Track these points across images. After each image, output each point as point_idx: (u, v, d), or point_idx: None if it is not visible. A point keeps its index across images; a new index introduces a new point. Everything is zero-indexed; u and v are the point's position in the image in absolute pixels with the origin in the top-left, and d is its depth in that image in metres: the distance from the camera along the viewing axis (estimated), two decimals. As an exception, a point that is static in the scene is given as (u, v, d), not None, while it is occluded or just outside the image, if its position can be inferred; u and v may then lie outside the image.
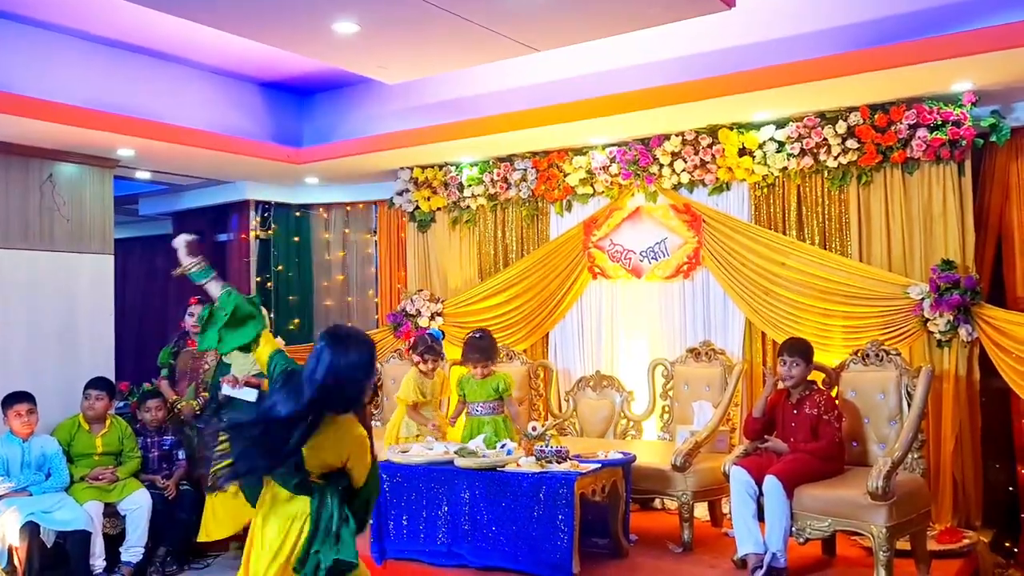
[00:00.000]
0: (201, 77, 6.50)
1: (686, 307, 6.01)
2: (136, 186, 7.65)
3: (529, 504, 4.36)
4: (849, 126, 5.21)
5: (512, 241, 6.73)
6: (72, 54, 5.73)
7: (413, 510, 4.71)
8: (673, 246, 5.99)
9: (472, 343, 5.39)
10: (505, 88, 6.00)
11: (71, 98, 5.50)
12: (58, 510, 5.03)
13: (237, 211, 7.74)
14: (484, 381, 5.28)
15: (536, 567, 4.33)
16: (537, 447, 4.60)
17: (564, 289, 6.42)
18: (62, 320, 6.04)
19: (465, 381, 5.37)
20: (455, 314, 6.83)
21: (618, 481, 4.67)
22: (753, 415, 4.69)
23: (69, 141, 5.79)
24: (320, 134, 7.00)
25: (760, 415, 4.65)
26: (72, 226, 6.15)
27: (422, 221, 7.12)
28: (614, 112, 5.36)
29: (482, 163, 6.72)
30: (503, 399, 5.29)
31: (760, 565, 4.21)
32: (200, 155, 6.34)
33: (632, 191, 6.15)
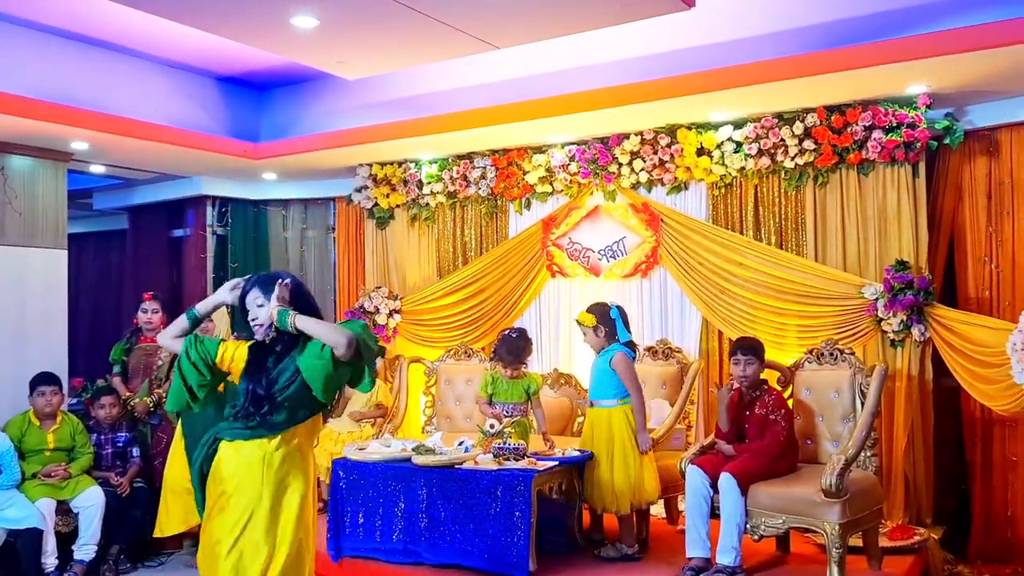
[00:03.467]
0: (158, 70, 6.40)
1: (644, 305, 6.04)
2: (90, 180, 7.50)
3: (486, 502, 4.35)
4: (806, 127, 5.27)
5: (471, 239, 6.72)
6: (25, 44, 5.60)
7: (370, 508, 4.69)
8: (631, 245, 6.02)
9: (507, 341, 5.17)
10: (465, 85, 5.98)
11: (24, 89, 5.37)
12: (9, 507, 4.95)
13: (193, 206, 7.64)
14: (515, 382, 5.09)
15: (493, 565, 4.33)
16: (495, 444, 4.59)
17: (523, 287, 6.43)
18: (13, 316, 5.92)
19: (497, 380, 5.14)
20: (413, 311, 6.81)
21: (574, 479, 4.69)
22: (721, 429, 4.66)
23: (22, 133, 5.66)
24: (278, 129, 6.93)
25: (727, 427, 4.63)
26: (24, 220, 6.01)
27: (381, 218, 7.08)
28: (573, 111, 5.36)
29: (441, 160, 6.69)
30: (530, 400, 5.15)
31: (705, 568, 4.25)
32: (156, 149, 6.24)
33: (591, 190, 6.17)
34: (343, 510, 4.77)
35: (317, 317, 3.18)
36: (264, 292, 3.15)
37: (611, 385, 4.74)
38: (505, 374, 5.13)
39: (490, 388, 5.16)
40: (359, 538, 4.72)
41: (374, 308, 6.81)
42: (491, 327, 6.48)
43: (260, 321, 3.15)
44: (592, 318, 4.80)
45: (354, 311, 6.91)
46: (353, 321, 3.34)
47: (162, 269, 7.82)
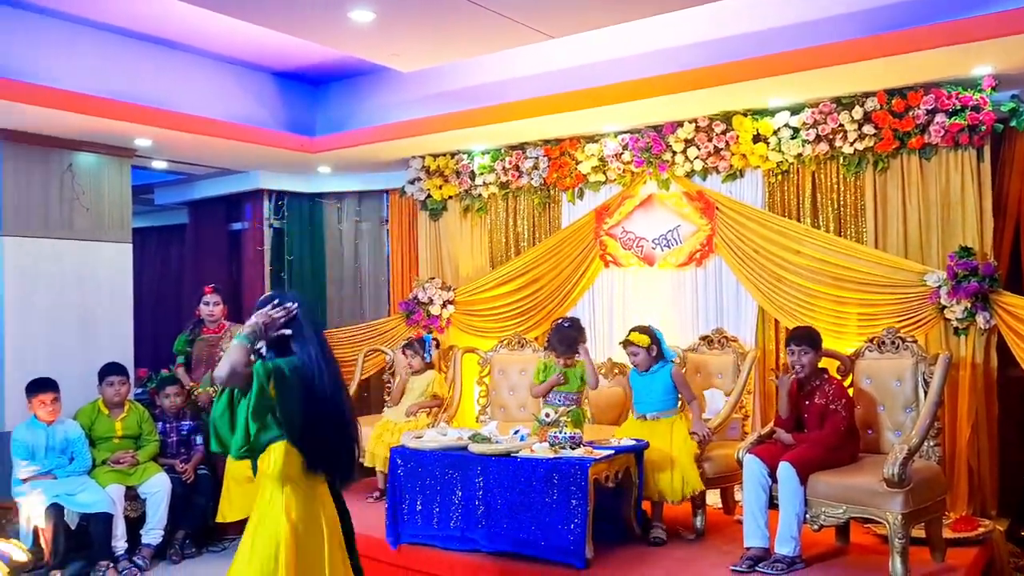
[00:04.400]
0: (217, 67, 6.53)
1: (698, 294, 6.01)
2: (152, 175, 7.70)
3: (543, 490, 4.37)
4: (866, 112, 5.18)
5: (524, 229, 6.74)
6: (91, 44, 5.75)
7: (427, 495, 4.74)
8: (686, 233, 5.98)
9: (560, 331, 5.21)
10: (517, 76, 6.00)
11: (91, 88, 5.53)
12: (81, 492, 5.12)
13: (251, 200, 7.78)
14: (568, 370, 5.14)
15: (549, 553, 4.35)
16: (551, 433, 4.61)
17: (576, 277, 6.43)
18: (82, 308, 6.11)
19: (550, 368, 5.19)
20: (466, 302, 6.86)
21: (631, 467, 4.69)
22: (781, 416, 4.64)
23: (89, 131, 5.83)
24: (333, 123, 7.02)
25: (787, 415, 4.61)
26: (92, 215, 6.20)
27: (434, 209, 7.14)
28: (627, 99, 5.35)
29: (494, 151, 6.72)
30: (582, 391, 5.22)
31: (764, 558, 4.23)
32: (215, 144, 6.37)
33: (644, 178, 6.14)
34: (401, 498, 4.83)
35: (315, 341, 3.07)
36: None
37: (673, 398, 5.00)
38: (558, 363, 5.16)
39: (543, 375, 5.21)
40: (417, 525, 4.77)
41: (427, 299, 6.88)
42: (544, 317, 6.50)
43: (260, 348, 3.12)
44: (647, 338, 5.00)
45: (408, 302, 6.99)
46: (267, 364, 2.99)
47: (221, 262, 7.98)
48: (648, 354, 5.01)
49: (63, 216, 6.05)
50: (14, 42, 5.33)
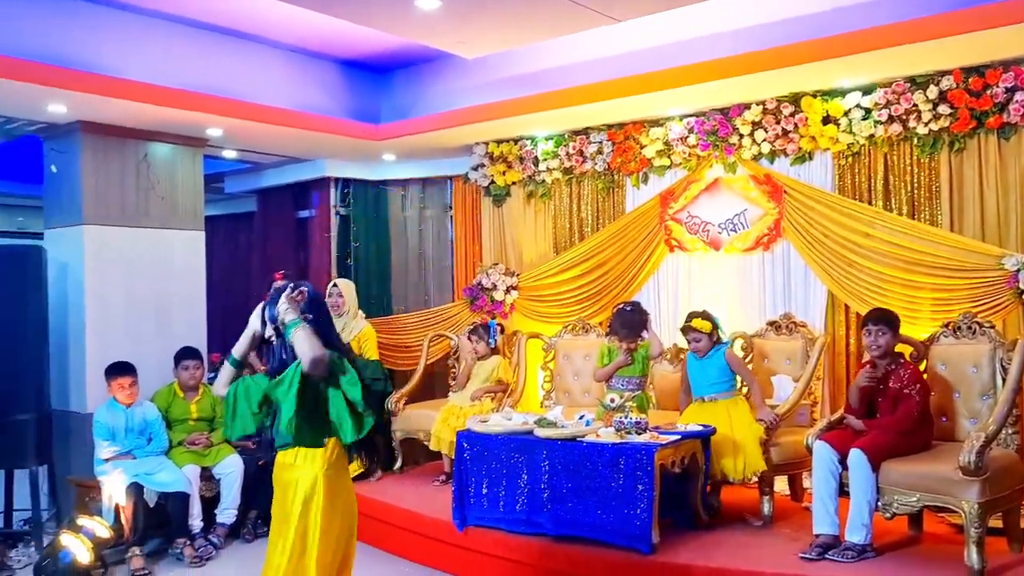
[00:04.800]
0: (284, 57, 6.63)
1: (766, 279, 5.93)
2: (223, 164, 7.88)
3: (608, 475, 4.38)
4: (941, 91, 5.03)
5: (588, 214, 6.72)
6: (165, 37, 5.89)
7: (493, 479, 4.79)
8: (753, 218, 5.90)
9: (622, 315, 5.23)
10: (581, 60, 5.97)
11: (165, 80, 5.67)
12: (159, 472, 5.30)
13: (318, 188, 7.91)
14: (632, 355, 5.19)
15: (615, 537, 4.36)
16: (616, 418, 4.61)
17: (640, 262, 6.40)
18: (157, 294, 6.30)
19: (613, 352, 5.23)
20: (530, 288, 6.88)
21: (697, 453, 4.67)
22: (852, 405, 4.58)
23: (163, 122, 6.00)
24: (398, 110, 7.09)
25: (857, 405, 4.54)
26: (166, 204, 6.39)
27: (497, 195, 7.17)
28: (692, 82, 5.29)
29: (557, 136, 6.71)
30: (646, 375, 5.25)
31: (834, 545, 4.18)
32: (283, 133, 6.49)
33: (710, 162, 6.07)
34: (467, 481, 4.89)
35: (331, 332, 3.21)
36: (272, 308, 3.20)
37: (729, 380, 5.05)
38: (621, 348, 5.16)
39: (606, 360, 5.23)
40: (483, 508, 4.83)
41: (491, 285, 6.92)
42: (609, 302, 6.48)
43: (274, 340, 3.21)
44: (710, 324, 5.06)
45: (471, 288, 7.04)
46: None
47: (288, 249, 8.13)
48: (709, 339, 5.05)
49: (139, 205, 6.24)
50: (93, 36, 5.49)
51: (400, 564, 5.30)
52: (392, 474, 6.28)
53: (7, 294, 5.48)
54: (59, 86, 5.09)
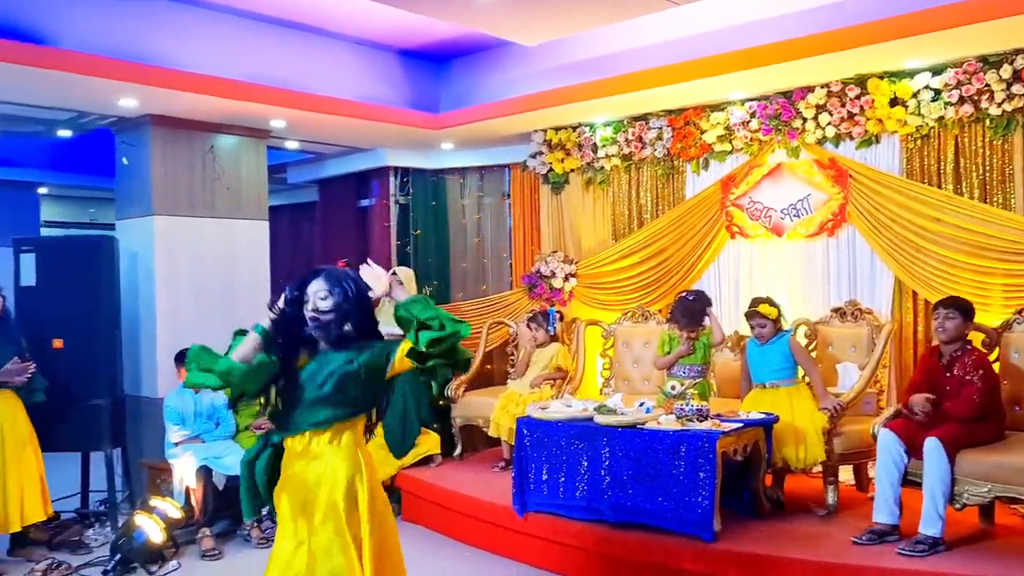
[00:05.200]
0: (344, 48, 6.70)
1: (830, 265, 5.83)
2: (285, 155, 8.02)
3: (669, 462, 4.36)
4: (1015, 70, 4.87)
5: (647, 201, 6.68)
6: (229, 30, 6.00)
7: (553, 465, 4.80)
8: (816, 203, 5.80)
9: (684, 304, 5.22)
10: (641, 45, 5.92)
11: (230, 73, 5.79)
12: (227, 456, 5.43)
13: (378, 177, 8.00)
14: (693, 343, 5.18)
15: (676, 524, 4.35)
16: (677, 405, 4.59)
17: (701, 249, 6.34)
18: (223, 281, 6.45)
19: (674, 340, 5.25)
20: (589, 275, 6.86)
21: (760, 441, 4.62)
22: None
23: (228, 114, 6.13)
24: (456, 99, 7.12)
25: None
26: (231, 194, 6.53)
27: (556, 183, 7.16)
28: (755, 65, 5.21)
29: (616, 123, 6.68)
30: (707, 363, 5.23)
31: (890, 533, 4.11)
32: (344, 123, 6.58)
33: (773, 147, 5.98)
34: (527, 467, 4.92)
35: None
36: (330, 285, 2.96)
37: (792, 367, 4.97)
38: (682, 336, 5.13)
39: (667, 347, 5.20)
40: (543, 494, 4.85)
41: (550, 272, 6.92)
42: (669, 289, 6.44)
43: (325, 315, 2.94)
44: (775, 310, 4.99)
45: (530, 275, 7.05)
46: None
47: (349, 238, 8.24)
48: (774, 326, 4.99)
49: (205, 196, 6.39)
50: (162, 31, 5.63)
51: (460, 548, 5.36)
52: (452, 460, 6.34)
53: (82, 283, 5.66)
54: (131, 81, 5.24)
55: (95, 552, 5.28)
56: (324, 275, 3.00)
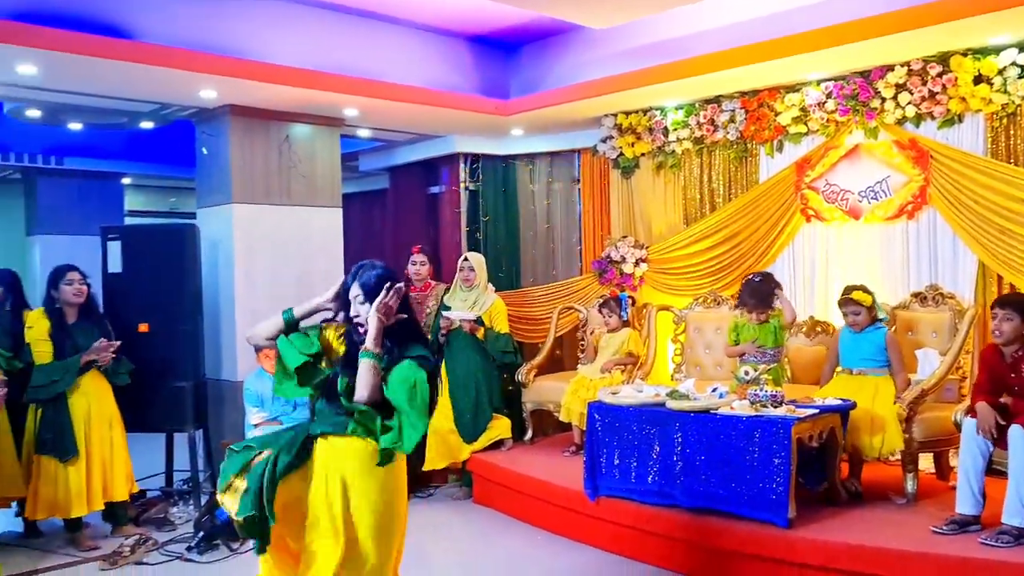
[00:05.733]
0: (415, 35, 6.76)
1: (909, 249, 5.67)
2: (357, 143, 8.14)
3: (743, 448, 4.33)
4: (1108, 44, 4.68)
5: (719, 185, 6.59)
6: (303, 21, 6.09)
7: (625, 450, 4.81)
8: (896, 185, 5.65)
9: (751, 285, 5.21)
10: (713, 27, 5.82)
11: (305, 63, 5.89)
12: (304, 438, 5.55)
13: (447, 164, 8.05)
14: (763, 326, 5.15)
15: (750, 510, 4.32)
16: (751, 391, 4.54)
17: (775, 233, 6.23)
18: (299, 268, 6.58)
19: (742, 327, 5.23)
20: (660, 260, 6.81)
21: (836, 428, 4.55)
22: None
23: (303, 103, 6.25)
24: (526, 85, 7.12)
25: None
26: (307, 182, 6.66)
27: (626, 167, 7.12)
28: (832, 45, 5.08)
29: (688, 106, 6.60)
30: (780, 347, 5.18)
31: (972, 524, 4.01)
32: (415, 111, 6.64)
33: (850, 128, 5.84)
34: (599, 452, 4.94)
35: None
36: (363, 290, 3.00)
37: (884, 360, 4.89)
38: (752, 319, 5.08)
39: (735, 335, 5.16)
40: (615, 479, 4.86)
41: (620, 257, 6.90)
42: (741, 274, 6.33)
43: (361, 320, 3.01)
44: (870, 297, 4.90)
45: (600, 261, 7.04)
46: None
47: (419, 224, 8.32)
48: (868, 313, 4.90)
49: (282, 184, 6.53)
50: (240, 23, 5.75)
51: (531, 532, 5.42)
52: (522, 444, 6.39)
53: (165, 270, 5.86)
54: (212, 72, 5.38)
55: (179, 529, 5.49)
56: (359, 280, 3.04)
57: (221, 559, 4.96)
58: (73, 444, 5.09)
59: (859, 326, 4.90)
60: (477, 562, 4.94)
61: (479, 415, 6.14)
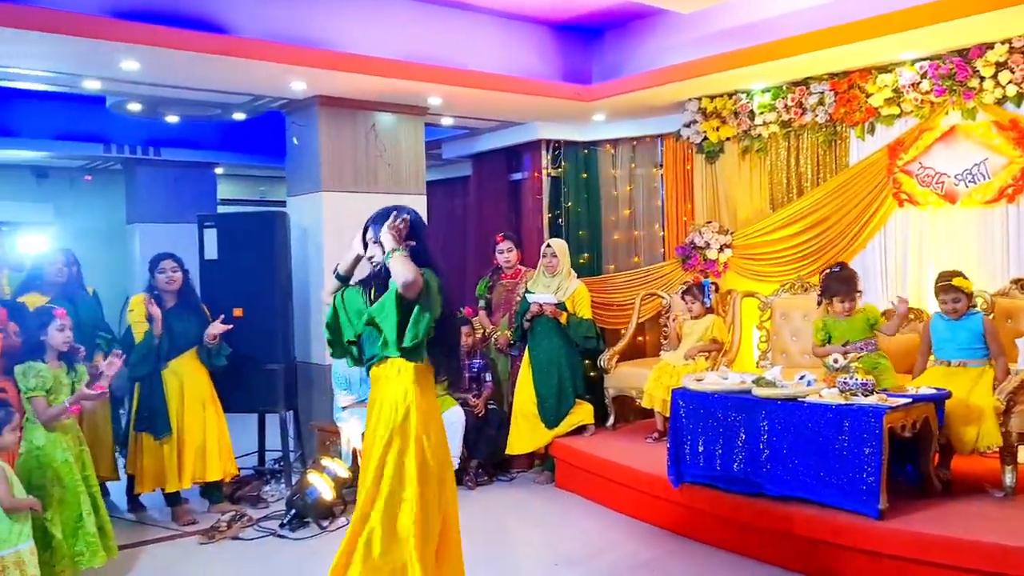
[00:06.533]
0: (497, 23, 6.79)
1: (1010, 233, 5.46)
2: (440, 131, 8.23)
3: (832, 437, 4.25)
4: None
5: (807, 169, 6.45)
6: (388, 11, 6.18)
7: (710, 437, 4.77)
8: (995, 167, 5.44)
9: (835, 277, 5.11)
10: (800, 7, 5.69)
11: (390, 52, 5.99)
12: (391, 420, 5.68)
13: (529, 151, 8.09)
14: (851, 320, 5.04)
15: (839, 500, 4.24)
16: (840, 379, 4.45)
17: (866, 218, 6.08)
18: (384, 255, 6.70)
19: (830, 324, 5.12)
20: (745, 246, 6.71)
21: (930, 417, 4.42)
22: None
23: (389, 92, 6.36)
24: (609, 70, 7.09)
25: None
26: (392, 170, 6.79)
27: (710, 152, 7.03)
28: (928, 23, 4.91)
29: (775, 88, 6.47)
30: (872, 337, 5.06)
31: None
32: (498, 98, 6.68)
33: (946, 109, 5.64)
34: (683, 438, 4.91)
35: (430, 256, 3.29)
36: (376, 228, 3.29)
37: (980, 347, 4.73)
38: (839, 313, 4.96)
39: (823, 334, 5.07)
40: (699, 466, 4.83)
41: (704, 243, 6.82)
42: (830, 260, 6.20)
43: (376, 259, 3.29)
44: (971, 283, 4.77)
45: (684, 247, 6.98)
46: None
47: (502, 211, 8.38)
48: (968, 301, 4.77)
49: (368, 172, 6.67)
50: (326, 15, 5.88)
51: (613, 517, 5.44)
52: (605, 430, 6.40)
53: (258, 257, 6.06)
54: (302, 64, 5.53)
55: (271, 507, 5.68)
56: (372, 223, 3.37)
57: (312, 536, 5.12)
58: (166, 424, 5.29)
59: (958, 313, 4.74)
60: (557, 543, 4.99)
61: (562, 400, 6.17)
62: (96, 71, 5.60)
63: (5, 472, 3.68)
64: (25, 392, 4.09)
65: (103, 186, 10.40)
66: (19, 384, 4.11)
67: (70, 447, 4.19)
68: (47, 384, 4.13)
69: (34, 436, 4.11)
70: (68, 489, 4.11)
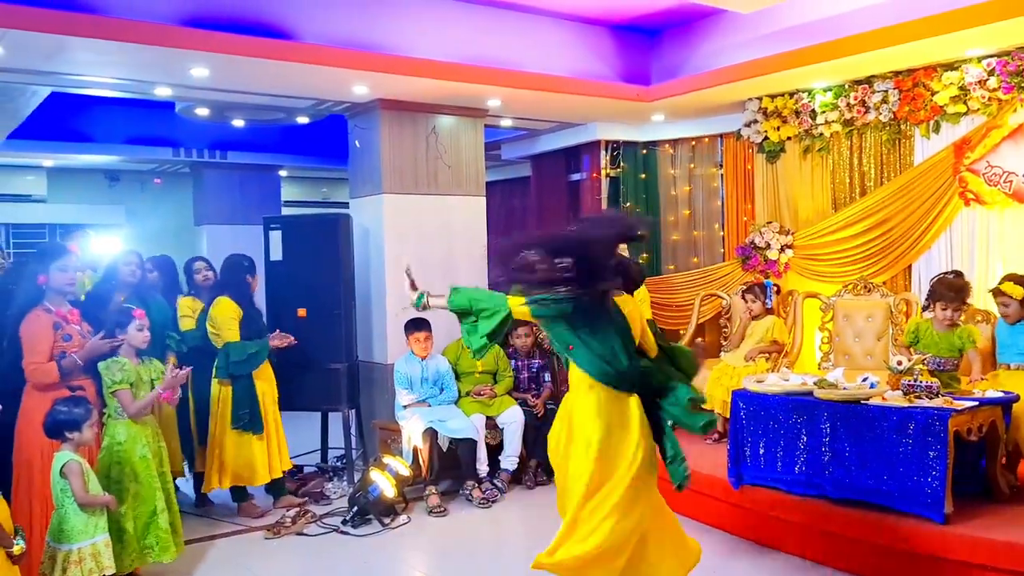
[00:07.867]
0: (557, 25, 6.80)
1: (1083, 234, 5.33)
2: (499, 133, 8.30)
3: (895, 440, 4.20)
4: None
5: (870, 168, 6.36)
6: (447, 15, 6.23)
7: (770, 439, 4.74)
8: (1067, 165, 5.31)
9: (946, 283, 4.97)
10: (862, 5, 5.61)
11: (450, 56, 6.05)
12: (450, 420, 5.77)
13: (588, 151, 8.11)
14: (946, 334, 4.89)
15: (903, 504, 4.18)
16: (905, 381, 4.39)
17: (931, 218, 5.97)
18: (444, 254, 6.80)
19: (923, 328, 5.00)
20: (806, 246, 6.64)
21: (997, 421, 4.33)
22: None
23: (449, 95, 6.44)
24: (668, 71, 7.06)
25: None
26: (452, 172, 6.87)
27: (771, 152, 6.97)
28: (996, 19, 4.82)
29: (837, 87, 6.39)
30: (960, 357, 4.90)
31: None
32: (557, 100, 6.72)
33: (1014, 106, 5.52)
34: (743, 440, 4.88)
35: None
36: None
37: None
38: (940, 320, 4.83)
39: (912, 336, 4.96)
40: (760, 467, 4.80)
41: (765, 243, 6.77)
42: (894, 260, 6.13)
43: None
44: (1021, 290, 4.68)
45: (744, 247, 6.93)
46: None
47: (561, 212, 8.41)
48: (1020, 306, 4.67)
49: (428, 173, 6.76)
50: (387, 20, 5.96)
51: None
52: (663, 431, 6.37)
53: (322, 258, 6.18)
54: (365, 69, 5.64)
55: (334, 503, 5.78)
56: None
57: (374, 533, 5.21)
58: (260, 420, 5.43)
59: (1010, 318, 4.67)
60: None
61: (620, 400, 6.16)
62: (167, 78, 5.79)
63: (82, 467, 3.81)
64: (111, 386, 4.20)
65: (172, 189, 10.72)
66: (104, 378, 4.21)
67: (149, 443, 4.31)
68: (131, 378, 4.26)
69: (116, 432, 4.23)
70: (144, 485, 4.23)
